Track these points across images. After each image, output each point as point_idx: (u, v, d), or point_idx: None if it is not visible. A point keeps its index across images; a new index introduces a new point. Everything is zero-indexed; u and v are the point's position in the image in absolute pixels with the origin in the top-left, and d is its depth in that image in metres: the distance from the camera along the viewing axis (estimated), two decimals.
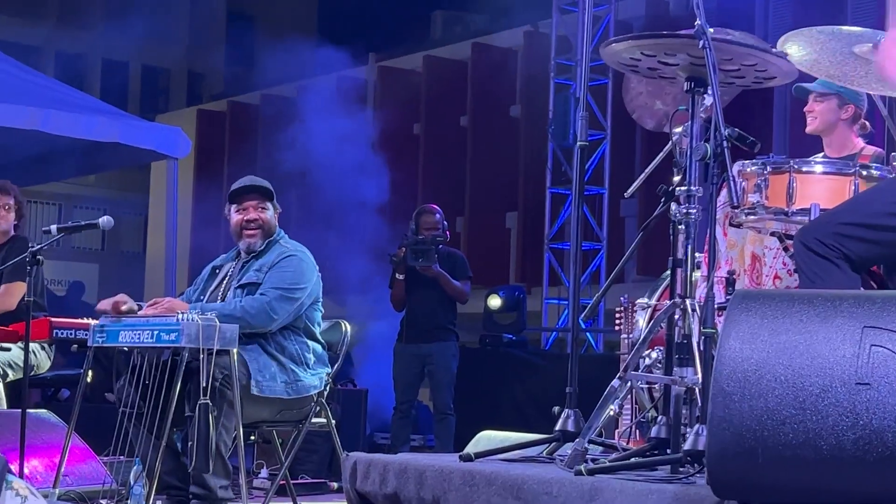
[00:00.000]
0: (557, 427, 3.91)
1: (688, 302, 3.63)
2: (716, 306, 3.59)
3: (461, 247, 13.08)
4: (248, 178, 5.66)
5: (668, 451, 3.55)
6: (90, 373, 5.50)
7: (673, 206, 3.73)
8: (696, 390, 3.51)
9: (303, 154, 11.08)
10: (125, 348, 5.11)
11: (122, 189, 20.99)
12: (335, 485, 6.80)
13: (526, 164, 14.16)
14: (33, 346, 6.19)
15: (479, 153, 14.80)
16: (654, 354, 4.51)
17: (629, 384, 3.80)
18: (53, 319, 6.15)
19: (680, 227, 3.70)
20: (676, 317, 3.67)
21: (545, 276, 12.03)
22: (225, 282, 5.51)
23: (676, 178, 3.76)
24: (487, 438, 5.10)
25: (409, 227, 8.26)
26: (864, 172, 3.96)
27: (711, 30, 3.54)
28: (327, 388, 5.50)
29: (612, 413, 3.80)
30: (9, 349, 6.23)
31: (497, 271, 13.97)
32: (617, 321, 5.39)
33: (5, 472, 3.21)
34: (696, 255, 3.75)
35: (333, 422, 5.62)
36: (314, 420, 5.50)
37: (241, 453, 5.03)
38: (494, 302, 10.09)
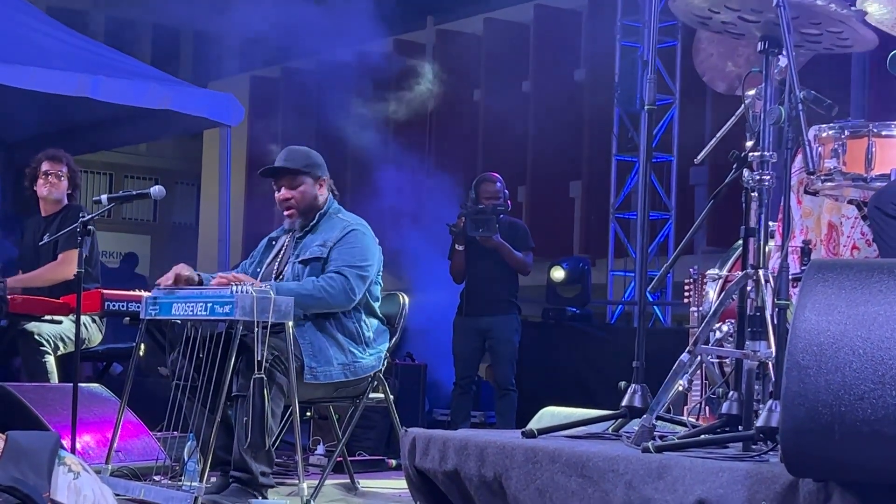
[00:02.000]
0: (624, 403, 3.91)
1: (761, 273, 3.60)
2: (790, 277, 3.55)
3: (523, 217, 13.06)
4: (283, 153, 5.61)
5: (740, 427, 3.53)
6: (143, 346, 5.56)
7: (745, 172, 3.70)
8: (770, 365, 3.49)
9: (357, 120, 11.09)
10: (178, 321, 5.16)
11: (174, 158, 21.14)
12: (393, 462, 6.83)
13: (590, 131, 14.08)
14: (84, 318, 6.28)
15: (541, 119, 14.73)
16: (724, 328, 4.48)
17: (699, 358, 3.78)
18: (105, 291, 6.22)
19: (753, 194, 3.68)
20: (749, 288, 3.65)
21: (610, 246, 11.98)
22: (281, 254, 5.53)
23: (749, 144, 3.73)
24: (551, 414, 5.11)
25: (469, 195, 8.25)
26: None
27: None
28: (384, 364, 5.52)
29: (680, 388, 3.79)
30: (60, 322, 6.32)
31: (560, 242, 13.93)
32: (686, 293, 5.36)
33: (58, 448, 3.26)
34: (770, 223, 3.72)
35: (392, 397, 5.64)
36: (371, 395, 5.53)
37: (297, 429, 5.07)
38: (558, 274, 10.08)
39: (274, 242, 5.65)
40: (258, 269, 5.53)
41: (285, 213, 5.53)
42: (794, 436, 2.67)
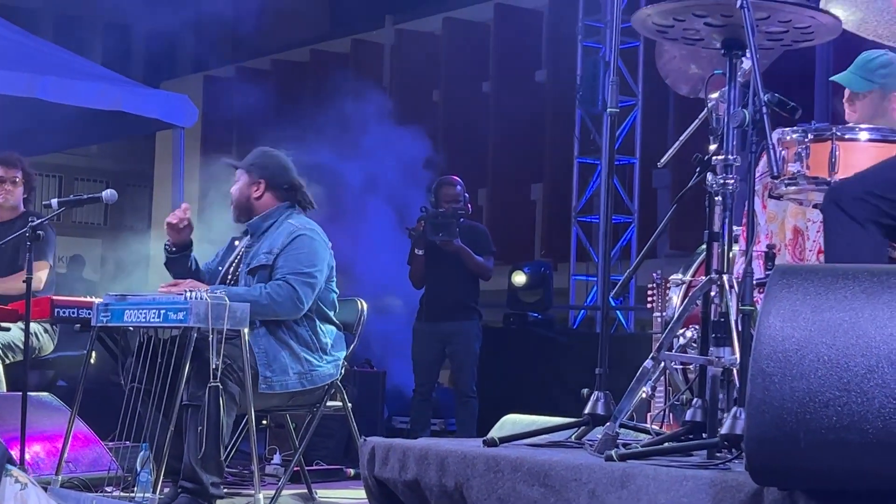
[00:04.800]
0: (586, 410, 3.92)
1: (725, 278, 3.62)
2: (755, 282, 3.58)
3: (483, 220, 13.08)
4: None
5: (704, 435, 3.55)
6: (94, 354, 5.53)
7: (709, 176, 3.71)
8: (734, 371, 3.51)
9: (314, 121, 11.07)
10: (130, 328, 5.14)
11: (126, 160, 21.03)
12: (352, 471, 6.83)
13: (552, 133, 14.13)
14: (37, 327, 6.22)
15: (502, 121, 14.76)
16: (688, 333, 4.51)
17: (662, 365, 3.80)
18: (55, 298, 6.18)
19: (716, 198, 3.69)
20: (713, 293, 3.66)
21: (572, 251, 12.03)
22: (237, 258, 5.53)
23: (713, 147, 3.75)
24: (512, 422, 5.12)
25: (429, 199, 8.26)
26: None
27: None
28: (342, 372, 5.51)
29: (644, 395, 3.80)
30: (8, 329, 6.26)
31: (522, 246, 13.97)
32: (649, 299, 5.39)
33: (5, 460, 3.24)
34: (734, 228, 3.74)
35: (349, 405, 5.64)
36: (329, 403, 5.52)
37: (253, 438, 5.06)
38: (519, 278, 10.10)
39: (237, 243, 5.65)
40: (220, 268, 5.55)
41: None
42: (759, 443, 2.69)
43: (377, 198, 10.94)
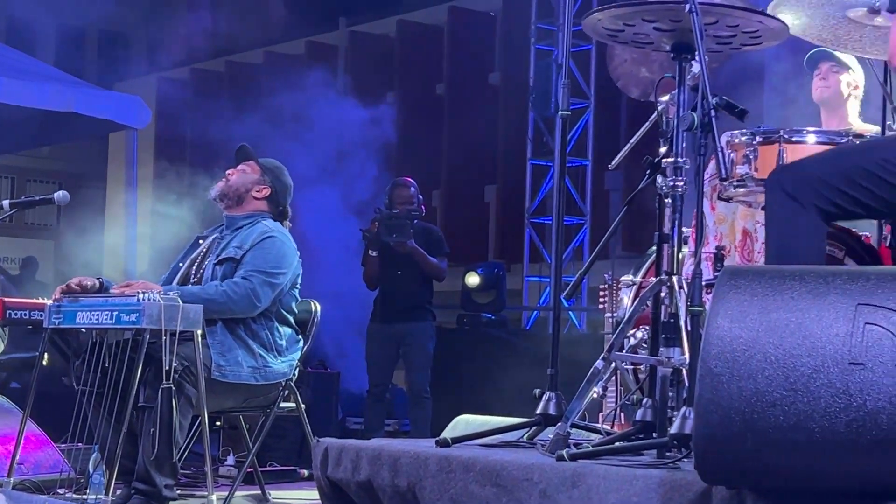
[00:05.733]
0: (538, 411, 3.93)
1: (674, 279, 3.64)
2: (704, 283, 3.60)
3: (437, 222, 13.08)
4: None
5: (654, 434, 3.57)
6: (46, 356, 5.49)
7: (659, 178, 3.73)
8: (684, 371, 3.53)
9: (269, 123, 11.04)
10: (83, 329, 5.11)
11: (79, 161, 20.85)
12: (305, 472, 6.82)
13: (505, 135, 14.15)
14: None
15: (455, 123, 14.76)
16: (639, 334, 4.53)
17: (613, 365, 3.82)
18: (6, 300, 6.13)
19: (666, 200, 3.71)
20: (663, 295, 3.68)
21: (526, 252, 12.05)
22: (203, 254, 5.52)
23: (663, 150, 3.77)
24: (465, 423, 5.12)
25: (383, 201, 8.26)
26: (858, 142, 3.98)
27: None
28: (296, 373, 5.51)
29: (595, 396, 3.81)
30: None
31: (475, 247, 13.98)
32: (601, 299, 5.41)
33: None
34: (684, 230, 3.76)
35: (303, 406, 5.63)
36: (283, 405, 5.51)
37: (206, 440, 5.04)
38: (472, 279, 10.11)
39: (201, 241, 5.64)
40: (181, 264, 5.54)
41: (219, 182, 5.59)
42: (707, 443, 2.71)
43: (333, 200, 10.93)
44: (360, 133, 11.40)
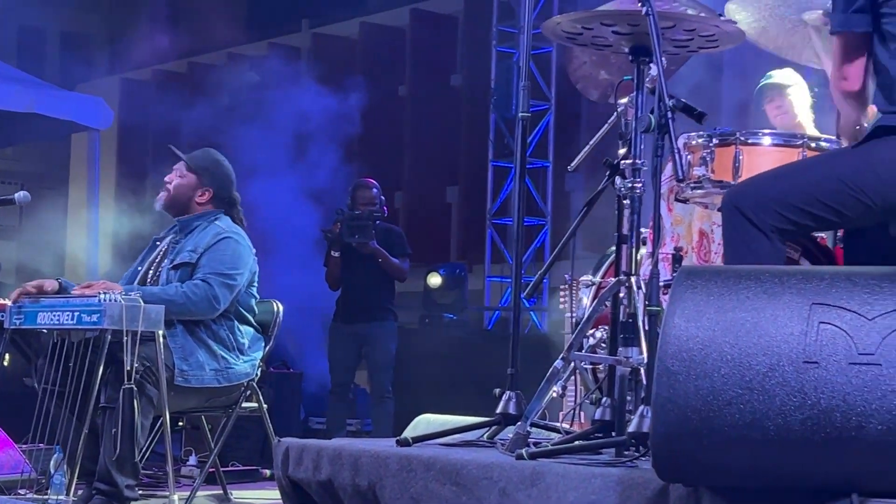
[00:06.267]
0: (498, 410, 3.94)
1: (633, 279, 3.66)
2: (661, 284, 3.62)
3: (400, 222, 13.06)
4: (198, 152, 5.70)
5: (613, 433, 3.58)
6: (7, 356, 5.45)
7: (618, 180, 3.75)
8: (642, 370, 3.54)
9: (232, 125, 11.00)
10: (44, 330, 5.08)
11: (41, 162, 20.70)
12: (268, 472, 6.80)
13: (467, 137, 14.15)
14: None
15: (418, 125, 14.75)
16: (598, 334, 4.55)
17: (572, 365, 3.83)
18: None
19: (625, 201, 3.73)
20: (621, 295, 3.70)
21: (487, 253, 12.06)
22: (160, 257, 5.50)
23: (622, 151, 3.78)
24: (426, 422, 5.13)
25: (345, 201, 8.25)
26: (813, 144, 4.00)
27: None
28: (259, 373, 5.50)
29: (554, 395, 3.82)
30: None
31: (437, 248, 13.97)
32: (561, 300, 5.43)
33: None
34: (642, 230, 3.78)
35: (265, 406, 5.62)
36: (245, 405, 5.50)
37: (168, 440, 5.02)
38: (434, 280, 10.12)
39: (158, 243, 5.62)
40: (139, 268, 5.51)
41: (161, 193, 5.56)
42: (664, 441, 2.72)
43: (294, 195, 10.91)
44: (324, 133, 11.39)
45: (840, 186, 3.35)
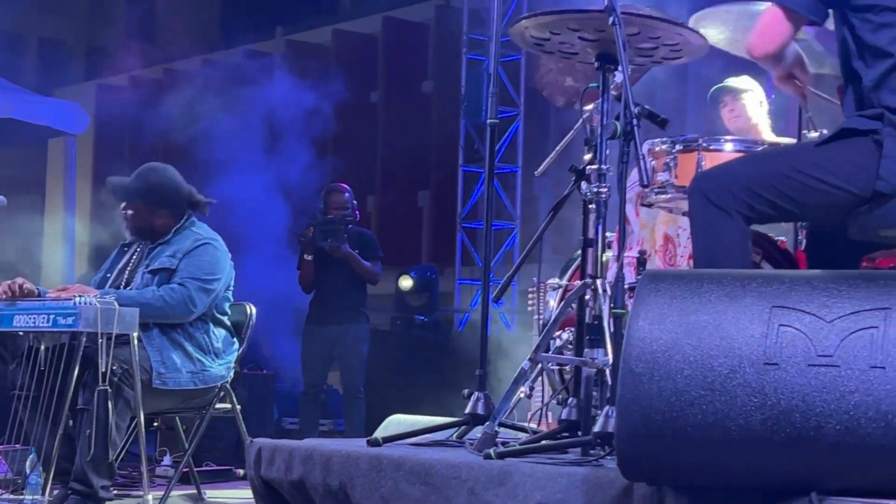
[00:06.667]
0: (467, 410, 3.93)
1: (598, 282, 3.66)
2: (626, 287, 3.62)
3: (372, 226, 13.06)
4: (116, 180, 5.61)
5: (579, 433, 3.59)
6: None
7: (584, 185, 3.76)
8: (607, 371, 3.55)
9: (207, 131, 10.97)
10: (20, 332, 5.04)
11: (17, 167, 20.58)
12: (241, 472, 6.77)
13: (438, 142, 14.15)
14: None
15: (390, 130, 14.75)
16: (565, 336, 4.55)
17: (540, 366, 3.83)
18: None
19: (590, 206, 3.74)
20: (587, 297, 3.70)
21: (458, 256, 12.06)
22: (133, 260, 5.47)
23: (587, 157, 3.79)
24: (397, 422, 5.13)
25: (318, 206, 8.25)
26: (775, 148, 4.02)
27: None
28: (232, 374, 5.49)
29: (522, 395, 3.82)
30: None
31: (409, 251, 13.97)
32: (529, 302, 5.43)
33: None
34: (608, 234, 3.79)
35: (238, 407, 5.60)
36: (218, 405, 5.48)
37: (143, 440, 5.00)
38: (406, 283, 10.11)
39: (126, 249, 5.59)
40: (108, 275, 5.48)
41: (125, 225, 5.52)
42: (629, 441, 2.72)
43: (270, 206, 10.89)
44: (297, 139, 11.37)
45: (801, 179, 3.37)
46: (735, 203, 3.38)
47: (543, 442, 3.61)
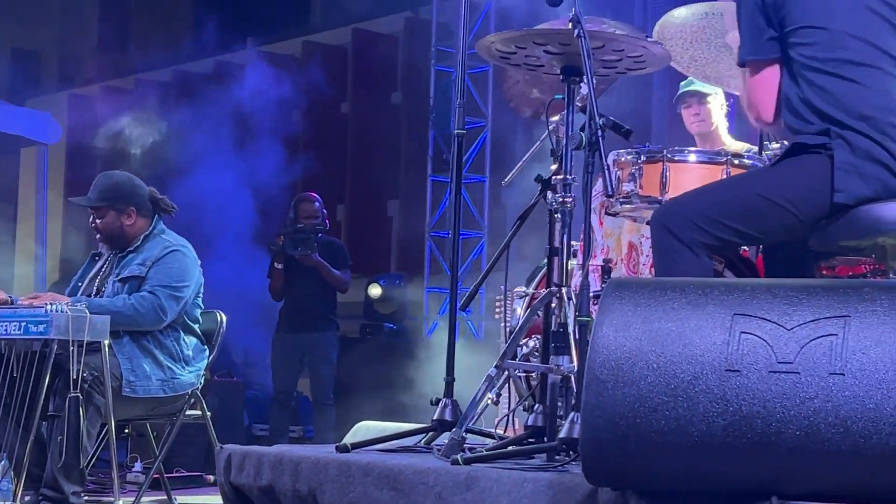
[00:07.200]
0: (435, 417, 3.93)
1: (564, 290, 3.67)
2: (591, 294, 3.63)
3: (342, 235, 13.05)
4: (95, 181, 5.58)
5: (545, 439, 3.59)
6: None
7: (549, 194, 3.77)
8: (572, 378, 3.55)
9: (177, 141, 10.94)
10: None
11: None
12: (211, 478, 6.75)
13: (407, 152, 14.16)
14: None
15: (359, 140, 14.75)
16: (531, 343, 4.56)
17: (506, 373, 3.83)
18: None
19: (556, 215, 3.75)
20: (553, 305, 3.71)
21: (426, 264, 12.05)
22: (104, 269, 5.45)
23: (553, 167, 3.80)
24: (366, 429, 5.12)
25: (288, 215, 8.24)
26: (736, 161, 4.04)
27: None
28: (202, 381, 5.48)
29: (489, 402, 3.83)
30: None
31: (378, 259, 13.96)
32: (496, 309, 5.44)
33: None
34: (574, 243, 3.79)
35: (209, 414, 5.58)
36: (189, 412, 5.47)
37: (113, 447, 4.97)
38: (375, 290, 10.11)
39: (97, 258, 5.57)
40: (79, 284, 5.46)
41: (97, 236, 5.51)
42: (593, 446, 2.73)
43: (241, 215, 10.86)
44: (268, 149, 11.36)
45: (761, 203, 3.40)
46: (701, 236, 3.40)
47: (510, 448, 3.61)
